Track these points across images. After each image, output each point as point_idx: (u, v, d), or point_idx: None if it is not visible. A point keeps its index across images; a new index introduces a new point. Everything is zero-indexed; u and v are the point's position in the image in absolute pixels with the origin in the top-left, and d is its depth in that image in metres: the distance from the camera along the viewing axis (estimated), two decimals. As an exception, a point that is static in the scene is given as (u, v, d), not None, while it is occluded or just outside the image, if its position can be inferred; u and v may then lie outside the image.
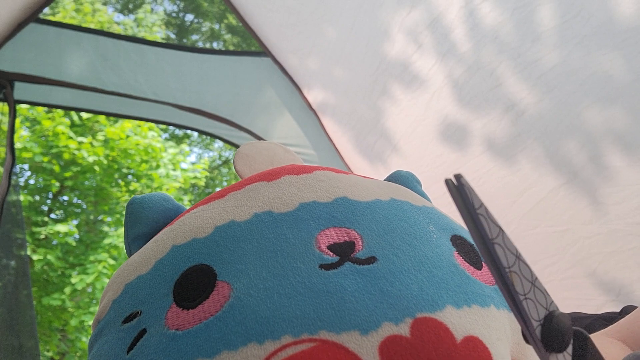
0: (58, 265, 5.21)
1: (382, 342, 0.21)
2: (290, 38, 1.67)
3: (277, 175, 0.32)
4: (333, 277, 0.24)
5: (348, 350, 0.20)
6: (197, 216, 0.29)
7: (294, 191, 0.30)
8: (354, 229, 0.27)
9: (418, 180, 0.38)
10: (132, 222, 0.33)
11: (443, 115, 1.32)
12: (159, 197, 0.34)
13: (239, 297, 0.23)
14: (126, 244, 0.34)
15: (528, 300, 0.23)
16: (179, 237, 0.28)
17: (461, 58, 1.20)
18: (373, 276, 0.24)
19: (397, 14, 1.28)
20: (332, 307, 0.22)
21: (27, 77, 1.80)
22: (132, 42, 1.87)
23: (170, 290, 0.25)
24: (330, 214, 0.28)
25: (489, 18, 1.07)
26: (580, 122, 1.02)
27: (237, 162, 0.37)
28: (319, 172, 0.32)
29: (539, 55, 1.01)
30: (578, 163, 1.07)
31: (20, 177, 5.64)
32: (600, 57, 0.92)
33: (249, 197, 0.30)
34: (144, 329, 0.24)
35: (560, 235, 1.17)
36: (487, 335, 0.23)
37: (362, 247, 0.26)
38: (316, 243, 0.26)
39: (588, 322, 0.76)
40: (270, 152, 0.39)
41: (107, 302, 0.29)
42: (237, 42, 8.41)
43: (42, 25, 1.74)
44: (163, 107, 1.96)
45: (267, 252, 0.25)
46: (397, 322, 0.22)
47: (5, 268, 2.14)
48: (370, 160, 1.70)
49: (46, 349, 5.42)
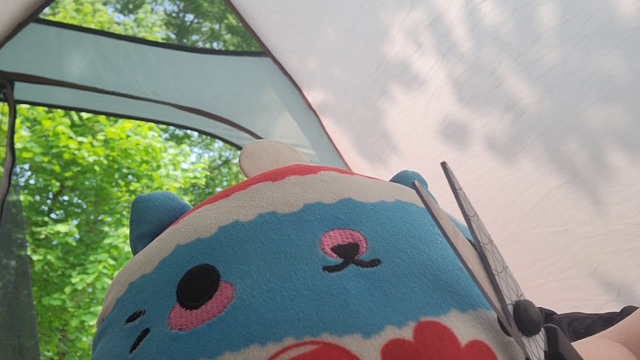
0: (58, 265, 5.21)
1: (385, 346, 0.21)
2: (290, 38, 1.67)
3: (282, 175, 0.32)
4: (336, 279, 0.24)
5: (350, 353, 0.20)
6: (202, 216, 0.30)
7: (298, 192, 0.30)
8: (359, 230, 0.27)
9: (424, 181, 0.38)
10: (137, 220, 0.33)
11: (443, 115, 1.32)
12: (164, 195, 0.34)
13: (242, 298, 0.23)
14: (131, 242, 0.34)
15: (500, 279, 0.24)
16: (183, 236, 0.28)
17: (461, 58, 1.20)
18: (377, 279, 0.24)
19: (397, 14, 1.28)
20: (335, 309, 0.22)
21: (27, 77, 1.80)
22: (132, 42, 1.87)
23: (174, 290, 0.25)
24: (335, 215, 0.28)
25: (489, 18, 1.07)
26: (580, 122, 1.02)
27: (243, 160, 0.37)
28: (324, 173, 0.32)
29: (539, 55, 1.01)
30: (578, 163, 1.07)
31: (20, 177, 5.65)
32: (600, 56, 0.92)
33: (253, 197, 0.30)
34: (147, 329, 0.25)
35: (560, 236, 1.17)
36: (493, 339, 0.23)
37: (366, 249, 0.26)
38: (320, 245, 0.26)
39: (588, 323, 0.76)
40: (276, 151, 0.39)
41: (111, 301, 0.29)
42: (237, 42, 8.41)
43: (42, 25, 1.74)
44: (163, 107, 1.96)
45: (271, 253, 0.25)
46: (400, 325, 0.21)
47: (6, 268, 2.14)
48: (370, 160, 1.70)
49: (46, 349, 5.42)
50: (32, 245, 5.23)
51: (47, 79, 1.81)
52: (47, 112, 5.42)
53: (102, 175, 5.73)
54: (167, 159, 6.14)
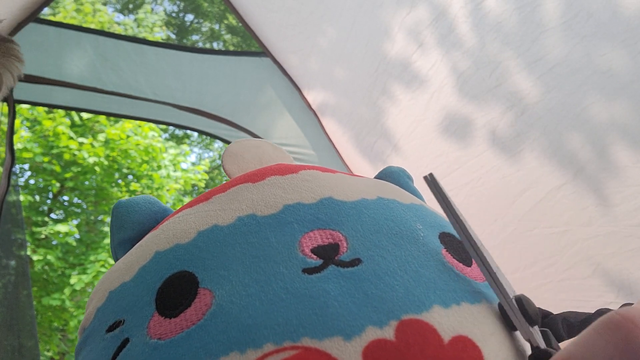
0: (58, 265, 5.21)
1: (366, 347, 0.20)
2: (290, 38, 1.67)
3: (262, 176, 0.31)
4: (316, 281, 0.23)
5: (331, 357, 0.20)
6: (181, 220, 0.29)
7: (278, 192, 0.29)
8: (339, 230, 0.26)
9: (410, 176, 0.37)
10: (117, 226, 0.32)
11: (443, 114, 1.32)
12: (144, 200, 0.33)
13: (221, 304, 0.23)
14: (112, 248, 0.33)
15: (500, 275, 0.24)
16: (162, 242, 0.28)
17: (462, 56, 1.20)
18: (357, 279, 0.23)
19: (397, 13, 1.28)
20: (315, 312, 0.22)
21: (27, 77, 1.79)
22: (132, 42, 1.87)
23: (153, 298, 0.25)
24: (315, 216, 0.27)
25: (493, 13, 1.07)
26: (584, 118, 1.02)
27: (226, 161, 0.37)
28: (305, 172, 0.31)
29: (544, 51, 1.01)
30: (579, 162, 1.07)
31: (20, 177, 5.65)
32: (605, 52, 0.92)
33: (232, 199, 0.29)
34: (127, 338, 0.24)
35: (560, 236, 1.17)
36: (477, 332, 0.22)
37: (346, 249, 0.25)
38: (299, 246, 0.25)
39: (584, 317, 0.76)
40: (260, 150, 0.38)
41: (92, 310, 0.28)
42: (237, 42, 8.41)
43: (42, 25, 1.74)
44: (163, 107, 1.96)
45: (250, 257, 0.25)
46: (381, 325, 0.21)
47: (5, 268, 2.14)
48: (370, 160, 1.70)
49: (46, 349, 5.42)
50: (32, 245, 5.23)
51: (46, 79, 1.81)
52: (48, 112, 5.42)
53: (102, 176, 5.73)
54: (168, 159, 6.14)
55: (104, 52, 1.83)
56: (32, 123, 5.56)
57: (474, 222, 0.62)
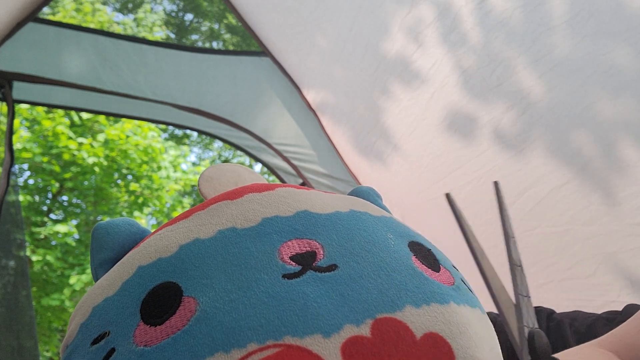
0: (57, 266, 5.21)
1: (344, 343, 0.22)
2: (290, 38, 1.67)
3: (240, 193, 0.33)
4: (296, 285, 0.25)
5: (311, 353, 0.22)
6: (162, 237, 0.30)
7: (256, 207, 0.31)
8: (315, 239, 0.28)
9: (379, 195, 0.40)
10: (97, 247, 0.33)
11: (444, 114, 1.32)
12: (123, 222, 0.34)
13: (205, 310, 0.24)
14: (93, 269, 0.34)
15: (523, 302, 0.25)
16: (144, 257, 0.29)
17: (464, 54, 1.20)
18: (334, 282, 0.25)
19: (397, 13, 1.28)
20: (296, 313, 0.23)
21: (26, 77, 1.79)
22: (132, 42, 1.87)
23: (138, 309, 0.26)
24: (292, 227, 0.29)
25: (496, 11, 1.07)
26: (588, 116, 1.01)
27: (202, 184, 0.38)
28: (281, 190, 0.33)
29: (548, 48, 1.01)
30: (579, 162, 1.07)
31: (19, 177, 5.64)
32: (609, 49, 0.92)
33: (212, 215, 0.31)
34: (113, 348, 0.25)
35: (561, 236, 1.16)
36: (447, 330, 0.24)
37: (323, 256, 0.27)
38: (279, 254, 0.27)
39: (589, 323, 0.76)
40: (235, 174, 0.40)
41: (75, 326, 0.29)
42: (237, 42, 8.41)
43: (41, 24, 1.74)
44: (163, 107, 1.96)
45: (232, 266, 0.26)
46: (358, 323, 0.23)
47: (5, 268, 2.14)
48: (370, 160, 1.70)
49: (45, 349, 5.42)
50: (32, 245, 5.24)
51: (46, 78, 1.80)
52: (47, 112, 5.42)
53: (102, 176, 5.73)
54: (168, 160, 6.15)
55: (104, 52, 1.83)
56: (32, 123, 5.56)
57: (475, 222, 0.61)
